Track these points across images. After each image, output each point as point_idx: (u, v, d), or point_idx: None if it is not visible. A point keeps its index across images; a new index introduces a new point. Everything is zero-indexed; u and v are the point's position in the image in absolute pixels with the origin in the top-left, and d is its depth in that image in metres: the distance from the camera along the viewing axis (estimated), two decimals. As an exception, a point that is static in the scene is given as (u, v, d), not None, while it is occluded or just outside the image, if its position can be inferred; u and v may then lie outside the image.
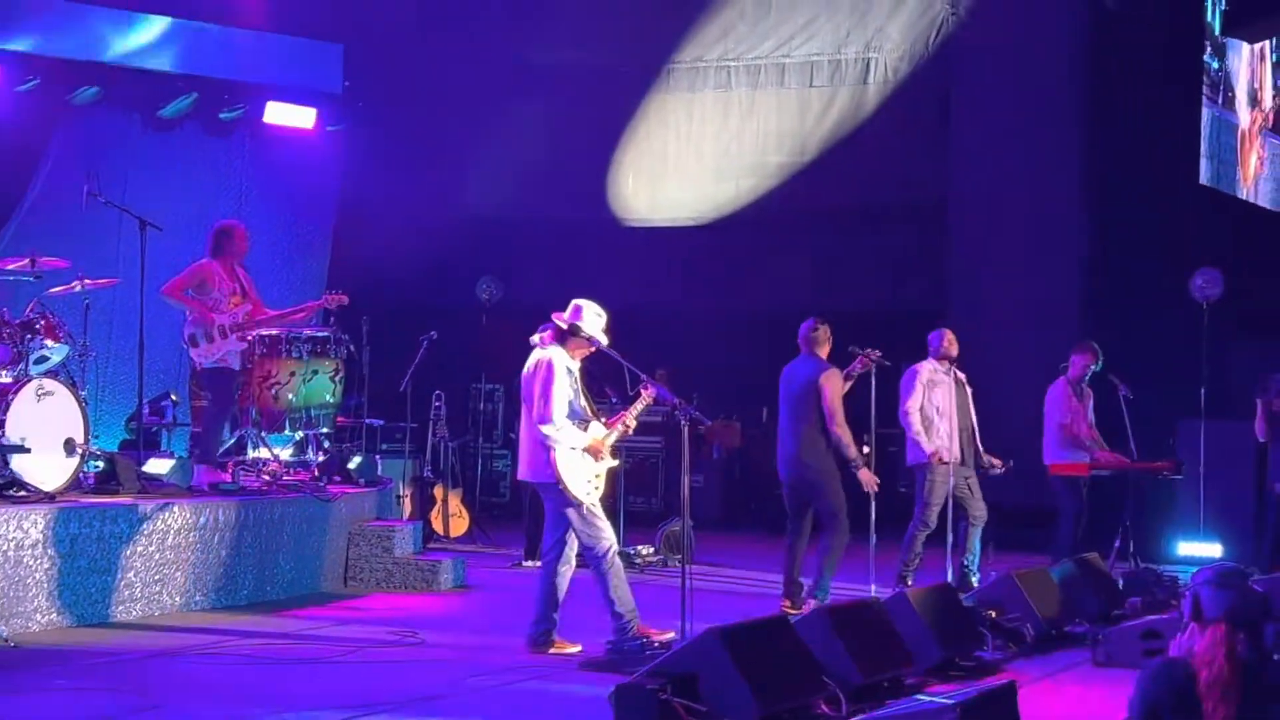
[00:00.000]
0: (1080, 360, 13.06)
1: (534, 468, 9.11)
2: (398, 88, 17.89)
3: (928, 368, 12.13)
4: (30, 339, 10.23)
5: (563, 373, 8.98)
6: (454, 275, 18.35)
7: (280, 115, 16.58)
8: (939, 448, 11.85)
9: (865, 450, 11.36)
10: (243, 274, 11.79)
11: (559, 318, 9.16)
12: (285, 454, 12.67)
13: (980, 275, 16.62)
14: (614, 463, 9.30)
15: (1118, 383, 13.04)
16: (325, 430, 12.69)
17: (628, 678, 7.24)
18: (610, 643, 8.95)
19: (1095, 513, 13.12)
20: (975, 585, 11.44)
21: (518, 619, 9.53)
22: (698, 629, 7.62)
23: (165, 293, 11.47)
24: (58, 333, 10.47)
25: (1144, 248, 15.98)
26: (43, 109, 15.34)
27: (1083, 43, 16.59)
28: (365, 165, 17.45)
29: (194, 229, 14.43)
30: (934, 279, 16.90)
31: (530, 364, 9.12)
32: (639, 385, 9.24)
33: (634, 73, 18.08)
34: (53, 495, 9.79)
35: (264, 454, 12.13)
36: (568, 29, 18.04)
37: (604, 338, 9.15)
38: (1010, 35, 16.68)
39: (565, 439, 8.93)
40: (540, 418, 8.92)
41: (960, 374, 12.11)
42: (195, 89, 16.05)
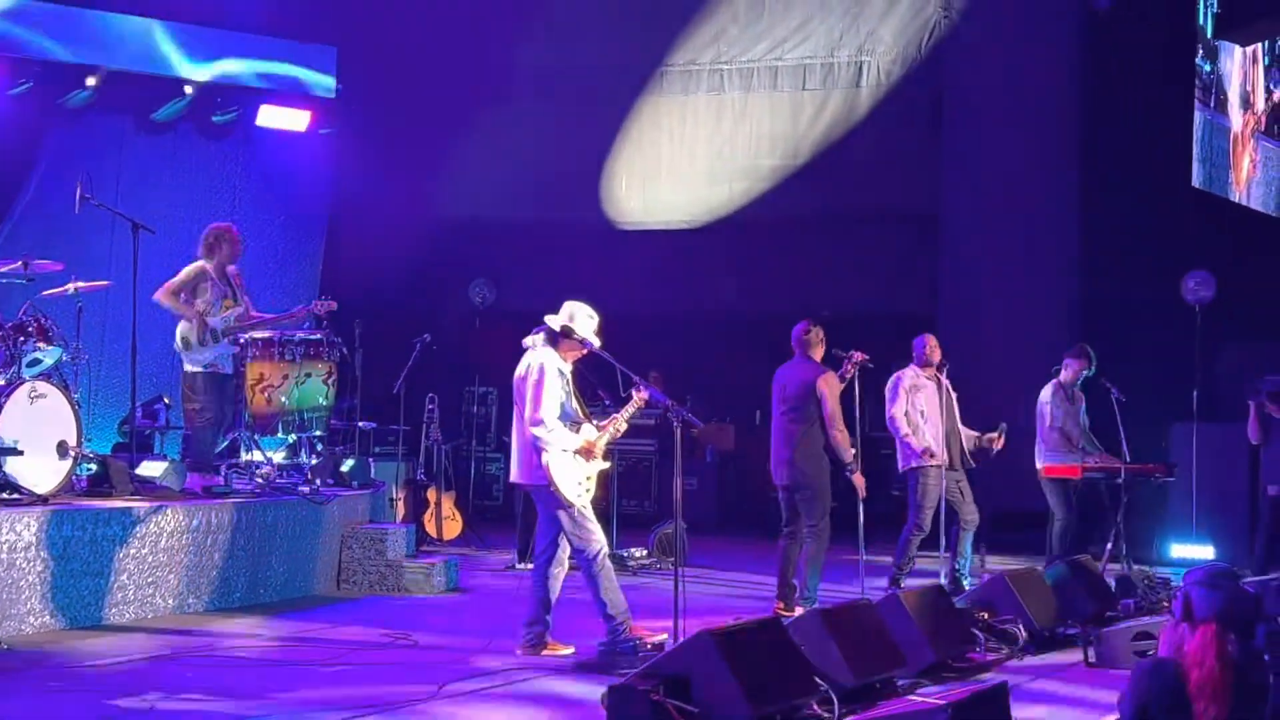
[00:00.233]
0: (1074, 364, 13.07)
1: (526, 470, 9.12)
2: (391, 91, 17.90)
3: (910, 374, 12.18)
4: (23, 341, 10.23)
5: (555, 375, 8.99)
6: (447, 278, 18.36)
7: (274, 118, 16.58)
8: (930, 444, 11.90)
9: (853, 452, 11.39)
10: (234, 276, 11.79)
11: (551, 320, 9.17)
12: (278, 457, 12.67)
13: (972, 278, 16.64)
14: (605, 465, 9.30)
15: (1109, 385, 13.06)
16: (318, 433, 12.69)
17: (620, 679, 7.25)
18: (603, 644, 8.95)
19: (1087, 515, 13.14)
20: (967, 588, 11.44)
21: (511, 621, 9.54)
22: (690, 631, 7.62)
23: (158, 297, 11.48)
24: (50, 335, 10.47)
25: (1136, 250, 16.00)
26: (35, 112, 15.32)
27: (1075, 46, 16.62)
28: (358, 168, 17.44)
29: (187, 232, 14.40)
30: (927, 282, 16.91)
31: (522, 366, 9.13)
32: (631, 387, 9.24)
33: (627, 76, 18.09)
34: (45, 498, 9.79)
35: (257, 457, 12.13)
36: (561, 32, 18.05)
37: (596, 340, 9.16)
38: (1002, 38, 16.71)
39: (557, 441, 8.94)
40: (532, 419, 8.92)
41: (945, 379, 12.12)
42: (188, 92, 16.04)
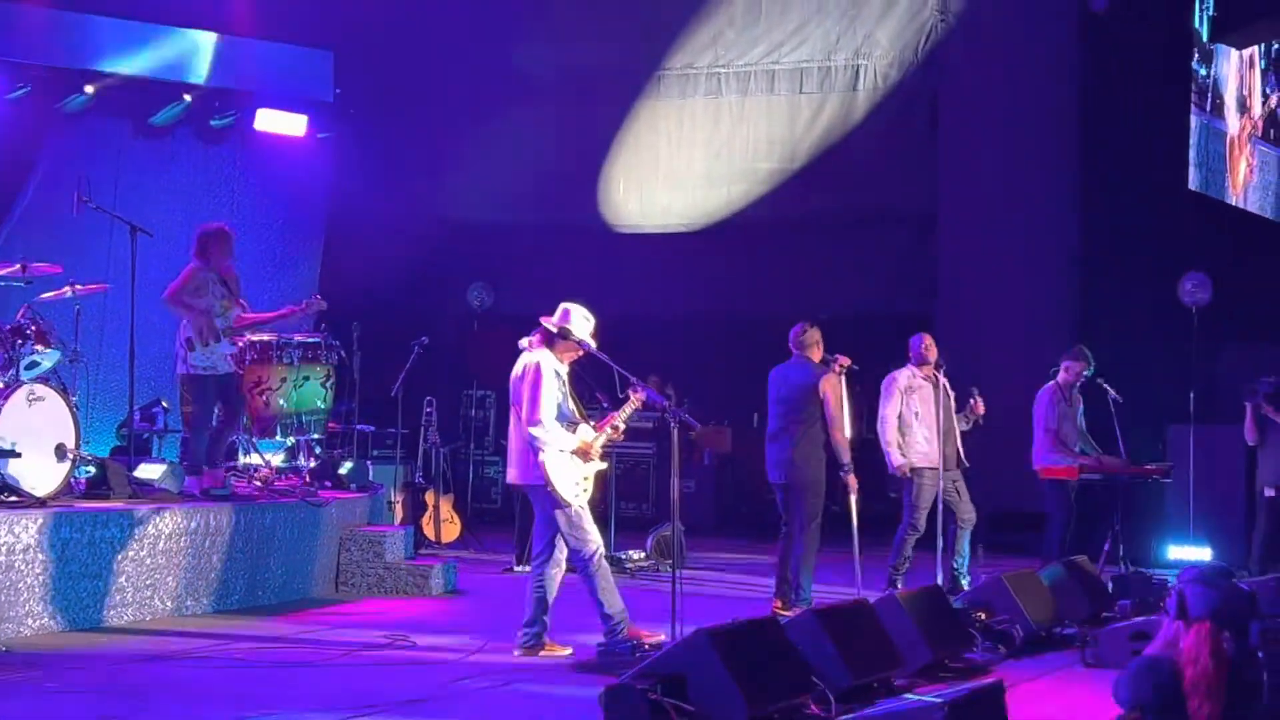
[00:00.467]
0: (1072, 366, 13.08)
1: (523, 470, 9.13)
2: (388, 95, 17.92)
3: (905, 374, 12.19)
4: (21, 344, 10.25)
5: (551, 375, 9.02)
6: (445, 282, 18.38)
7: (271, 122, 16.60)
8: (906, 461, 11.91)
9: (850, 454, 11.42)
10: (229, 276, 11.79)
11: (547, 321, 9.20)
12: (277, 460, 12.70)
13: (970, 280, 16.66)
14: (602, 465, 9.32)
15: (1107, 387, 13.07)
16: (316, 436, 12.73)
17: (618, 679, 7.27)
18: (601, 645, 8.98)
19: (1085, 517, 13.15)
20: (965, 588, 11.45)
21: (509, 622, 9.54)
22: (688, 632, 7.64)
23: (168, 299, 11.44)
24: (49, 338, 10.49)
25: (1133, 252, 16.02)
26: (33, 117, 15.35)
27: (1072, 49, 16.64)
28: (356, 172, 17.47)
29: (185, 236, 14.34)
30: (924, 284, 16.93)
31: (519, 367, 9.15)
32: (628, 389, 9.26)
33: (624, 79, 18.10)
34: (44, 500, 9.80)
35: (255, 460, 12.15)
36: (559, 36, 18.07)
37: (592, 341, 9.19)
38: (999, 42, 16.73)
39: (554, 441, 8.96)
40: (529, 419, 8.95)
41: (944, 378, 12.12)
42: (186, 96, 16.07)
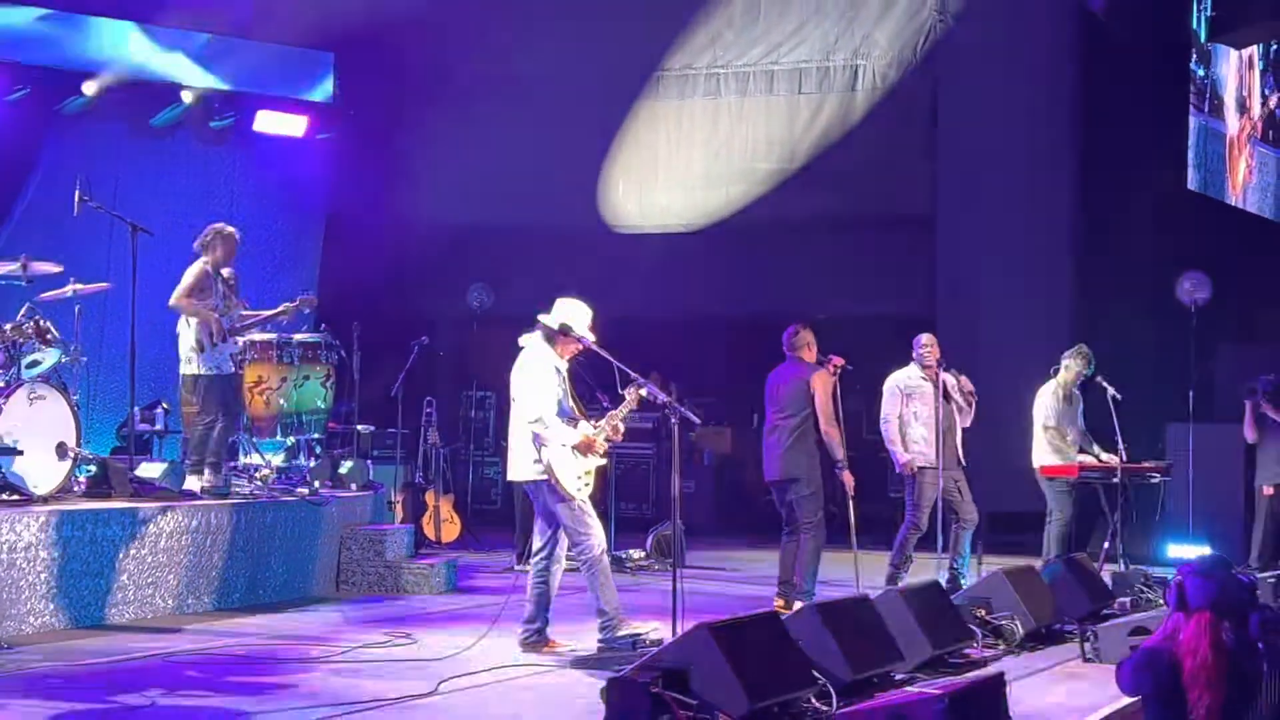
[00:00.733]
0: (1072, 365, 13.09)
1: (524, 466, 9.16)
2: (388, 96, 17.94)
3: (905, 374, 12.21)
4: (22, 343, 10.27)
5: (551, 371, 9.08)
6: (445, 283, 18.38)
7: (271, 123, 16.64)
8: (911, 458, 11.95)
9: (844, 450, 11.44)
10: (228, 275, 11.82)
11: (546, 319, 9.24)
12: (277, 460, 12.70)
13: (970, 281, 16.66)
14: (602, 460, 9.36)
15: (1107, 385, 13.09)
16: (316, 436, 12.74)
17: (619, 673, 7.27)
18: (601, 640, 9.00)
19: (1084, 515, 13.18)
20: (965, 587, 11.46)
21: (510, 619, 9.55)
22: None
23: (176, 302, 11.44)
24: (49, 337, 10.50)
25: (1132, 252, 16.05)
26: (34, 118, 15.37)
27: (1071, 48, 16.67)
28: (355, 172, 17.49)
29: (185, 237, 14.36)
30: (923, 284, 16.94)
31: (519, 363, 9.19)
32: (628, 385, 9.29)
33: (624, 80, 18.10)
34: (45, 498, 9.82)
35: (255, 459, 12.15)
36: (558, 37, 18.07)
37: (590, 334, 9.22)
38: (998, 41, 16.73)
39: (556, 436, 8.99)
40: (531, 415, 8.98)
41: (948, 378, 12.12)
42: (186, 97, 16.08)
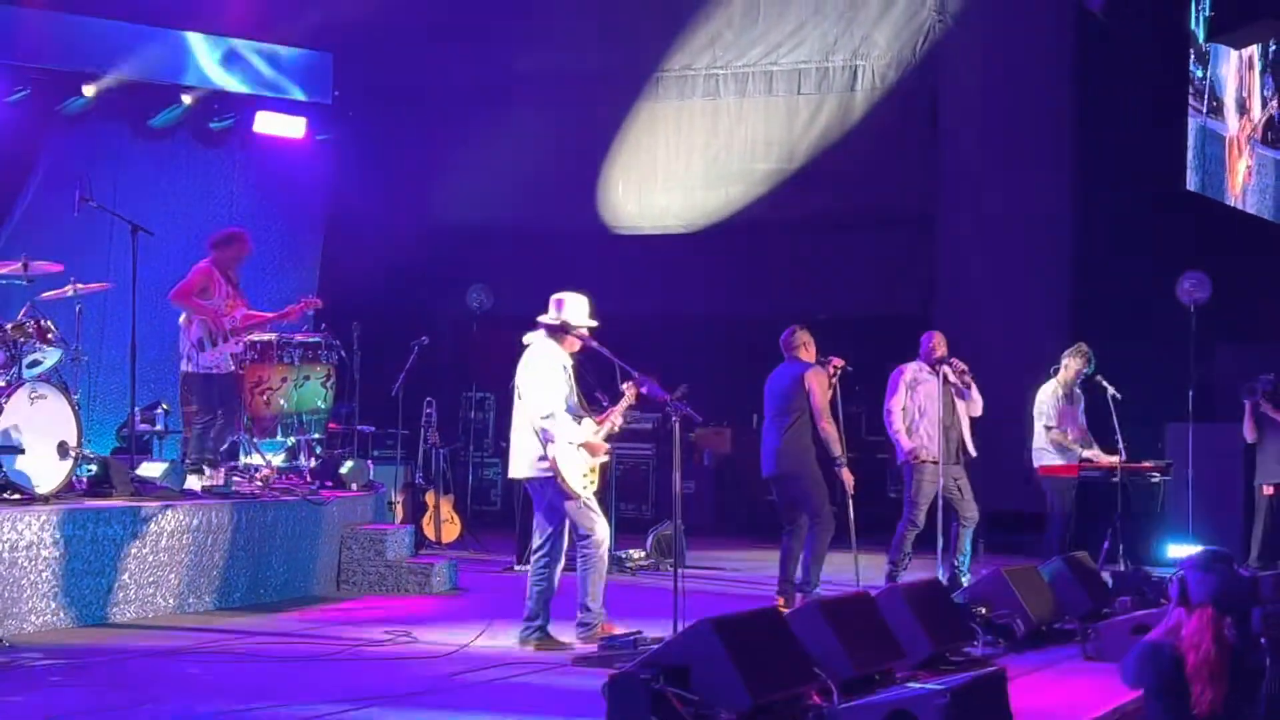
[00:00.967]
0: (1072, 364, 13.11)
1: (527, 463, 9.18)
2: (388, 97, 17.95)
3: (912, 369, 12.25)
4: (23, 342, 10.26)
5: (559, 368, 9.14)
6: (444, 284, 18.38)
7: (270, 125, 16.64)
8: (915, 447, 11.98)
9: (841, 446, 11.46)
10: (235, 278, 11.86)
11: (546, 318, 9.28)
12: (277, 460, 12.70)
13: (969, 281, 16.68)
14: (605, 458, 9.41)
15: (1106, 385, 13.10)
16: (317, 436, 12.73)
17: (620, 669, 7.27)
18: (602, 640, 9.01)
19: (1084, 515, 13.18)
20: (965, 586, 11.48)
21: (511, 618, 9.57)
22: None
23: (176, 298, 11.48)
24: (50, 337, 10.50)
25: (1131, 251, 16.05)
26: (33, 119, 15.37)
27: (1069, 49, 16.66)
28: (355, 174, 17.50)
29: (185, 239, 14.51)
30: (923, 284, 16.96)
31: (526, 359, 9.21)
32: (627, 382, 9.34)
33: (623, 81, 18.12)
34: (46, 497, 9.82)
35: (256, 460, 12.15)
36: (558, 38, 18.09)
37: (592, 322, 9.28)
38: (996, 42, 16.76)
39: (563, 433, 9.01)
40: (540, 411, 8.99)
41: (953, 375, 12.12)
42: (185, 99, 16.08)
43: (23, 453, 9.72)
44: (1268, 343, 15.94)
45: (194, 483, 11.24)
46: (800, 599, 10.65)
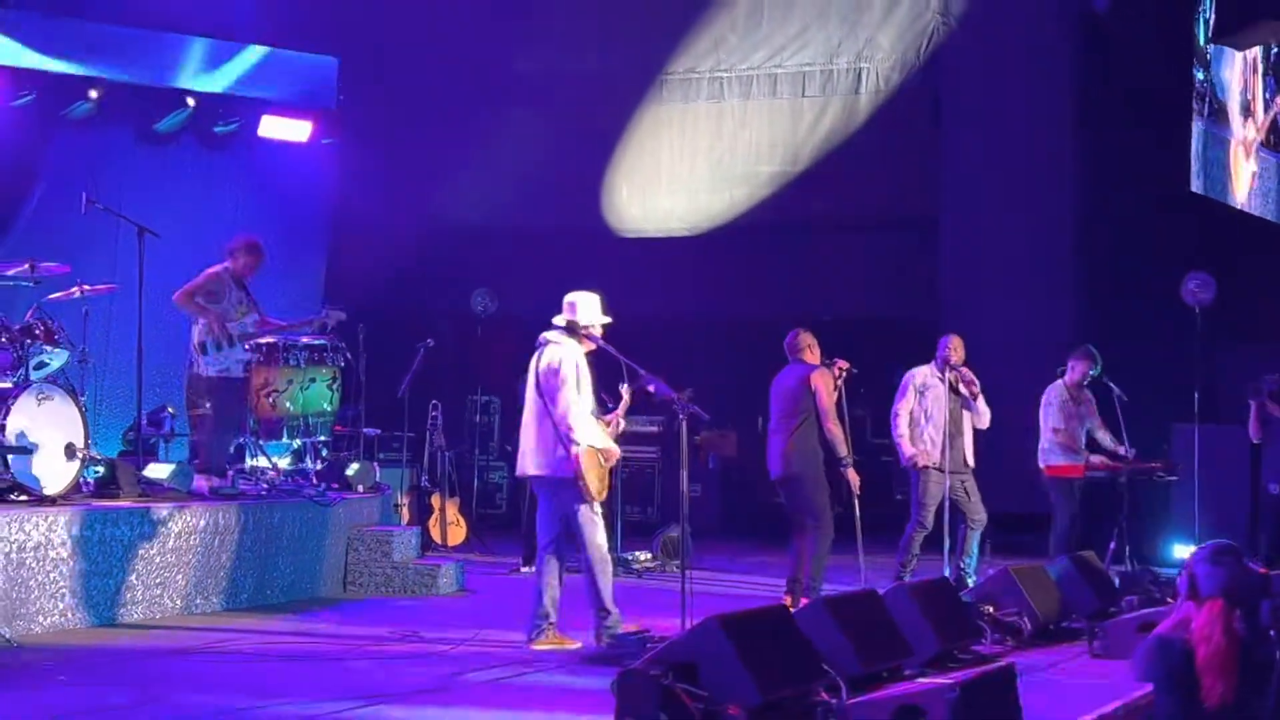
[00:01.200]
0: (1079, 365, 13.11)
1: (549, 463, 9.14)
2: (392, 100, 17.96)
3: (923, 372, 12.25)
4: (30, 344, 10.27)
5: (584, 368, 9.14)
6: (449, 287, 18.37)
7: (275, 128, 16.63)
8: (917, 452, 11.97)
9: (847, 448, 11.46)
10: (249, 286, 11.89)
11: (560, 319, 9.28)
12: (283, 462, 12.70)
13: (973, 283, 16.66)
14: (615, 460, 9.45)
15: (1113, 386, 13.10)
16: (323, 438, 12.72)
17: (629, 667, 7.27)
18: (612, 638, 9.01)
19: (1090, 515, 13.17)
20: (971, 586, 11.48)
21: (517, 618, 9.57)
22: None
23: (179, 299, 11.50)
24: (57, 339, 10.51)
25: (1136, 253, 16.05)
26: (38, 124, 15.34)
27: (1074, 51, 16.66)
28: (360, 177, 17.50)
29: (190, 243, 14.48)
30: (927, 286, 16.95)
31: (548, 357, 9.18)
32: (633, 382, 9.36)
33: (627, 84, 18.13)
34: (54, 499, 9.83)
35: (262, 463, 12.15)
36: (561, 42, 18.11)
37: (605, 318, 9.35)
38: (1001, 44, 16.76)
39: (588, 435, 9.02)
40: (566, 411, 8.98)
41: (962, 386, 12.12)
42: (190, 103, 16.10)
43: (31, 452, 9.74)
44: (1272, 343, 15.93)
45: (200, 485, 11.24)
46: (804, 601, 10.64)
